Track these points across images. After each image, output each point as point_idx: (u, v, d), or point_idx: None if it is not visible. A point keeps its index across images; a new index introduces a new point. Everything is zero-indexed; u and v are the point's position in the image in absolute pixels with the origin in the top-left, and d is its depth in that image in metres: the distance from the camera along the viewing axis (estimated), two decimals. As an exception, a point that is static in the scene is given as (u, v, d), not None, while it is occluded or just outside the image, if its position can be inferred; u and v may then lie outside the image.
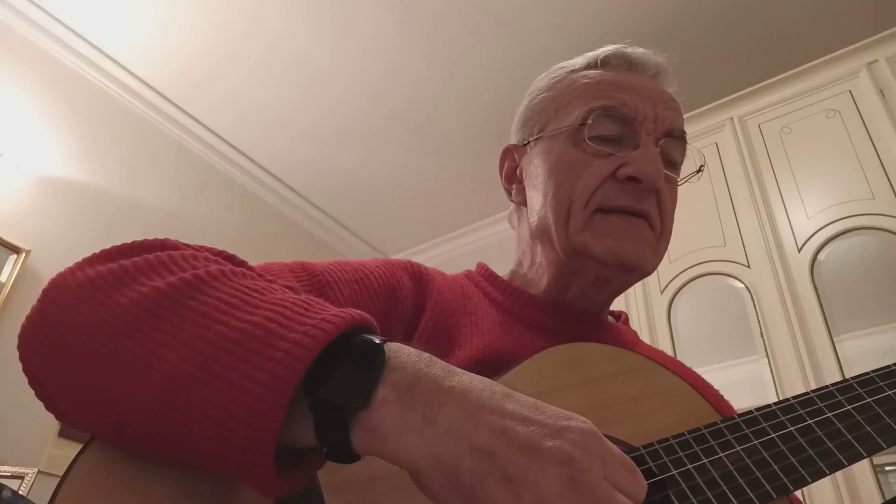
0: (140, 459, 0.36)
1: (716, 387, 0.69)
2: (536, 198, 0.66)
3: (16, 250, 2.09)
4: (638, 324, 2.01)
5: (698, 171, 0.71)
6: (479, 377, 0.36)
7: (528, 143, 0.70)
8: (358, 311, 0.36)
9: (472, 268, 0.75)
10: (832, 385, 0.55)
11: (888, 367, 0.56)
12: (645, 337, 1.95)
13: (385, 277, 0.59)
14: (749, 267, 1.90)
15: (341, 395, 0.32)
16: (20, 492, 1.77)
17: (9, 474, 1.81)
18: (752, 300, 1.84)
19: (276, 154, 3.01)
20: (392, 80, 2.61)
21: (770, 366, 1.73)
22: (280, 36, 2.44)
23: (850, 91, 1.95)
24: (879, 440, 0.50)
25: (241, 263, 0.45)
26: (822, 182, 1.88)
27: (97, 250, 0.41)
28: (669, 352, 1.90)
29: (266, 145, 2.96)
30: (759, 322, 1.80)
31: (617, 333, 0.69)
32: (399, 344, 0.36)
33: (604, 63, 0.68)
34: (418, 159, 3.00)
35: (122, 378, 0.34)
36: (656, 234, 0.63)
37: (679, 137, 0.65)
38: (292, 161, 3.05)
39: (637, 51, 0.68)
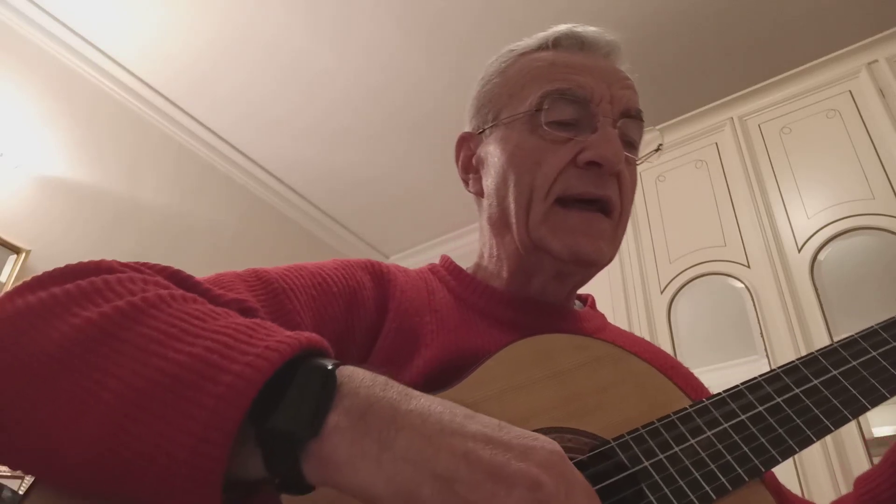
0: (85, 501, 0.34)
1: (716, 387, 0.69)
2: (495, 188, 0.64)
3: (16, 250, 2.09)
4: (638, 324, 2.01)
5: (657, 149, 0.70)
6: (438, 400, 0.34)
7: (484, 130, 0.68)
8: (306, 334, 0.34)
9: None
10: (798, 360, 0.55)
11: (850, 337, 0.57)
12: (644, 337, 1.95)
13: (344, 280, 0.56)
14: (749, 267, 1.90)
15: (290, 424, 0.31)
16: (20, 492, 1.77)
17: (9, 474, 1.81)
18: (752, 300, 1.84)
19: (276, 154, 3.01)
20: (392, 78, 2.61)
21: (770, 366, 1.72)
22: (279, 35, 2.44)
23: (850, 91, 1.95)
24: (846, 412, 0.50)
25: (187, 279, 0.43)
26: (822, 182, 1.88)
27: (40, 275, 0.38)
28: (669, 352, 1.90)
29: (266, 145, 2.95)
30: (758, 322, 1.80)
31: (583, 321, 0.68)
32: (353, 367, 0.34)
33: (555, 44, 0.66)
34: (418, 158, 2.99)
35: (57, 419, 0.32)
36: (614, 222, 0.62)
37: (636, 117, 0.64)
38: (292, 160, 3.05)
39: (589, 30, 0.67)
